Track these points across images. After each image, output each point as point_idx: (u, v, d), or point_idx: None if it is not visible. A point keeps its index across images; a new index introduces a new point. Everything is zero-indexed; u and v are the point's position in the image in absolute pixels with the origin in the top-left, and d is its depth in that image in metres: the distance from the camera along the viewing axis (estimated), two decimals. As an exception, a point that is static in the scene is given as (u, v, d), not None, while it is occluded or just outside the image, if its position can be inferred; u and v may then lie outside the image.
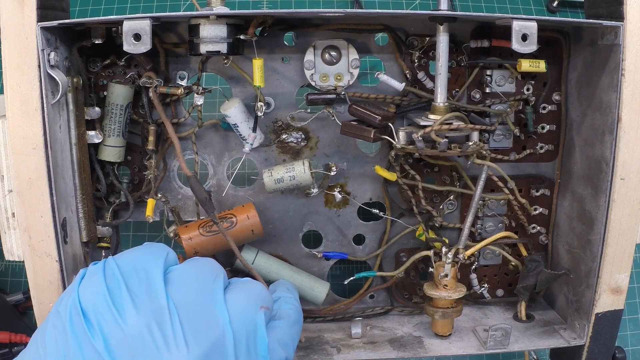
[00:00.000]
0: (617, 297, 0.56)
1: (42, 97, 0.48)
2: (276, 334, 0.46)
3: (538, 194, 0.64)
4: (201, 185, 0.54)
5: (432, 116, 0.56)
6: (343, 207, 0.65)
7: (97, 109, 0.57)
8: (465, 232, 0.60)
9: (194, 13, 0.52)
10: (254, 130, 0.58)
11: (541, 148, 0.63)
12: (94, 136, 0.57)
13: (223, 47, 0.53)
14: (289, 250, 0.66)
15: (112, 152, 0.59)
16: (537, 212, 0.65)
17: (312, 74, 0.60)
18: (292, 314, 0.50)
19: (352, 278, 0.62)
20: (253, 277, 0.55)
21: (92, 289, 0.40)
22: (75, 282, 0.42)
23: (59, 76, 0.49)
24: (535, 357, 0.72)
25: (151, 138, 0.59)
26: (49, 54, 0.49)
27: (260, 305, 0.45)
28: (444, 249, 0.58)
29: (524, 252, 0.65)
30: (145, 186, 0.61)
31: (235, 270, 0.64)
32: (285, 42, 0.60)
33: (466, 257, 0.59)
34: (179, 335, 0.39)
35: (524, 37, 0.49)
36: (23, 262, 0.51)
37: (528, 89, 0.62)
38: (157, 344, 0.38)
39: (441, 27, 0.54)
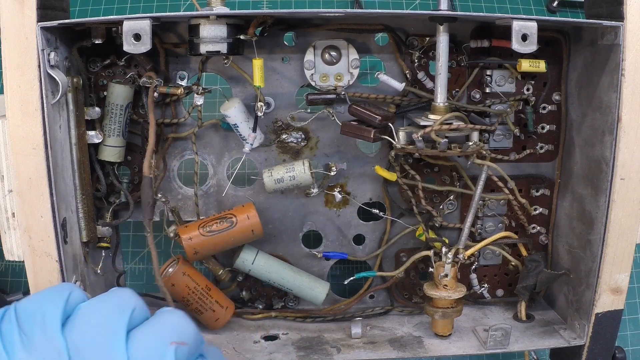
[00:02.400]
0: (617, 297, 0.56)
1: (42, 97, 0.48)
2: None
3: (538, 194, 0.64)
4: (152, 189, 0.53)
5: (432, 116, 0.56)
6: (343, 207, 0.65)
7: (97, 109, 0.57)
8: (465, 232, 0.60)
9: (194, 13, 0.52)
10: (254, 130, 0.58)
11: (541, 148, 0.63)
12: (94, 136, 0.57)
13: (223, 47, 0.53)
14: (289, 250, 0.66)
15: (112, 152, 0.59)
16: (537, 212, 0.65)
17: (312, 74, 0.60)
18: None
19: (352, 278, 0.62)
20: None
21: None
22: None
23: (59, 76, 0.49)
24: (535, 357, 0.72)
25: (151, 138, 0.59)
26: (49, 54, 0.49)
27: (171, 340, 0.40)
28: (444, 249, 0.59)
29: (524, 252, 0.65)
30: (145, 186, 0.61)
31: (234, 270, 0.64)
32: (285, 42, 0.60)
33: (466, 257, 0.59)
34: None
35: (524, 37, 0.49)
36: (23, 262, 0.51)
37: (528, 89, 0.62)
38: None
39: (441, 27, 0.54)
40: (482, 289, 0.65)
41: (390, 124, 0.57)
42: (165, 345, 0.39)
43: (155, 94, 0.56)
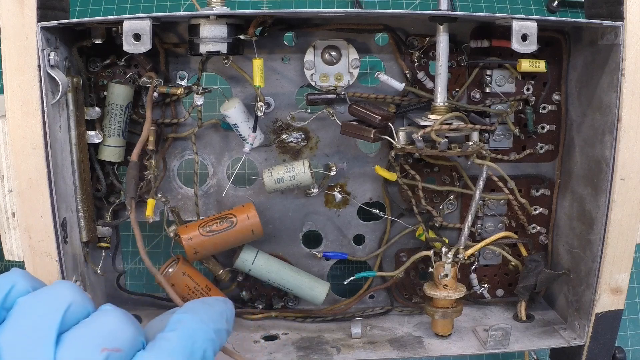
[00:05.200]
0: (617, 297, 0.56)
1: (42, 97, 0.48)
2: None
3: (538, 194, 0.64)
4: (137, 172, 0.53)
5: (432, 116, 0.56)
6: (343, 207, 0.65)
7: (97, 109, 0.57)
8: (465, 232, 0.60)
9: (194, 13, 0.52)
10: (254, 130, 0.58)
11: (541, 148, 0.63)
12: (94, 136, 0.57)
13: (223, 47, 0.53)
14: (289, 250, 0.66)
15: (112, 152, 0.59)
16: (537, 212, 0.65)
17: (312, 74, 0.60)
18: (168, 342, 0.40)
19: (352, 278, 0.62)
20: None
21: None
22: None
23: (59, 76, 0.49)
24: (535, 357, 0.72)
25: (151, 138, 0.59)
26: (49, 54, 0.49)
27: (103, 346, 0.37)
28: (444, 249, 0.58)
29: (524, 252, 0.65)
30: (145, 186, 0.61)
31: (234, 270, 0.64)
32: (285, 42, 0.60)
33: (466, 257, 0.59)
34: None
35: (524, 37, 0.49)
36: (23, 262, 0.51)
37: (528, 89, 0.62)
38: None
39: (441, 27, 0.54)
40: (482, 289, 0.65)
41: (390, 124, 0.57)
42: (96, 351, 0.37)
43: (155, 94, 0.56)
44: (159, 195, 0.60)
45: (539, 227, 0.65)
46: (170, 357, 0.39)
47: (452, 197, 0.64)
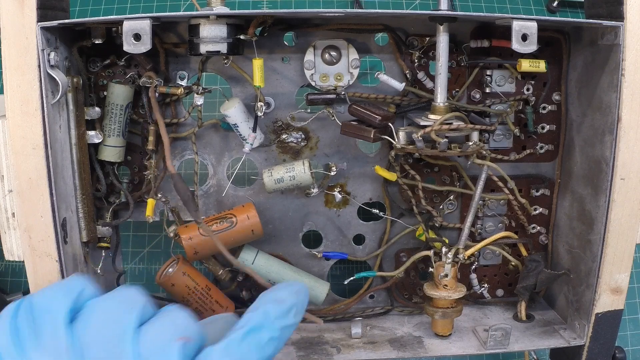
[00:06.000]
0: (617, 297, 0.56)
1: (42, 97, 0.48)
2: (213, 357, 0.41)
3: (538, 194, 0.64)
4: (185, 184, 0.53)
5: (432, 116, 0.56)
6: (343, 207, 0.65)
7: (97, 109, 0.57)
8: (465, 232, 0.60)
9: (194, 13, 0.52)
10: (254, 130, 0.58)
11: (541, 148, 0.63)
12: (94, 136, 0.57)
13: (223, 47, 0.53)
14: (289, 250, 0.66)
15: (112, 152, 0.59)
16: (537, 212, 0.65)
17: (312, 74, 0.60)
18: (236, 340, 0.43)
19: (352, 278, 0.62)
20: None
21: (1, 329, 0.39)
22: None
23: (59, 76, 0.49)
24: (535, 357, 0.72)
25: (151, 138, 0.59)
26: (49, 54, 0.49)
27: (177, 336, 0.41)
28: (444, 249, 0.59)
29: (524, 252, 0.65)
30: (145, 186, 0.61)
31: (234, 270, 0.64)
32: (285, 42, 0.60)
33: (466, 257, 0.59)
34: None
35: (524, 37, 0.49)
36: (23, 262, 0.51)
37: (528, 89, 0.62)
38: None
39: (441, 27, 0.54)
40: (482, 289, 0.65)
41: (390, 124, 0.57)
42: (172, 340, 0.40)
43: (155, 94, 0.56)
44: (159, 195, 0.60)
45: (539, 227, 0.65)
46: (239, 354, 0.41)
47: (452, 197, 0.64)
